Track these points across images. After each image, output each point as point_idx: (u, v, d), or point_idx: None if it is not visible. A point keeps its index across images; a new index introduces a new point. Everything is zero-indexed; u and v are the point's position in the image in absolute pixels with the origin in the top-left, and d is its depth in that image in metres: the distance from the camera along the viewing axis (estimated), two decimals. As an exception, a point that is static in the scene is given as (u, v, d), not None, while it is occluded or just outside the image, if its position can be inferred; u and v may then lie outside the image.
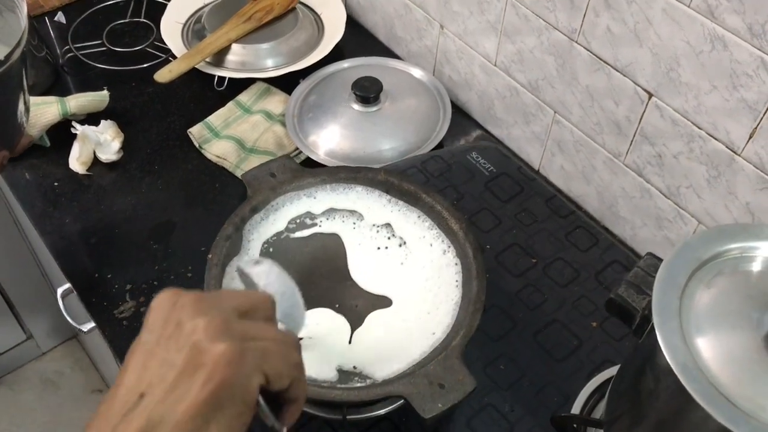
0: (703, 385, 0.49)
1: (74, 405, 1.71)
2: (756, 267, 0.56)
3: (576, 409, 0.72)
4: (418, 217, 0.76)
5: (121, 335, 0.87)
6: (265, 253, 0.74)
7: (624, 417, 0.62)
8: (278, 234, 0.76)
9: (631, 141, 0.88)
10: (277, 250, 0.75)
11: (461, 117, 1.11)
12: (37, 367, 1.77)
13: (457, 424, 0.66)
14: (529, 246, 0.85)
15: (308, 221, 0.77)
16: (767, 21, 0.68)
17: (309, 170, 0.78)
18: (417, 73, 1.11)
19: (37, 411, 1.70)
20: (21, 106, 0.77)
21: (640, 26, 0.79)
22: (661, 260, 0.60)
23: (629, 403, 0.61)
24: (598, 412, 0.71)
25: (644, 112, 0.84)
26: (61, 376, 1.76)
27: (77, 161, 1.01)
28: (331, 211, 0.78)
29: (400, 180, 0.77)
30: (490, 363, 0.76)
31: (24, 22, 0.72)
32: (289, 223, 0.76)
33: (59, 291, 1.00)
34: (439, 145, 1.02)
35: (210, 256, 0.70)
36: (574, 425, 0.68)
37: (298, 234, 0.76)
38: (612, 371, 0.75)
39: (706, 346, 0.51)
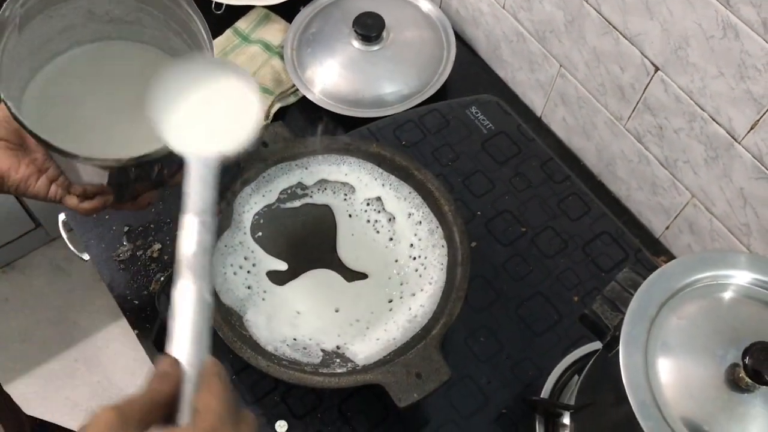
0: (658, 424, 0.51)
1: (84, 292, 1.78)
2: (727, 296, 0.57)
3: (549, 385, 0.75)
4: (409, 193, 0.76)
5: (118, 277, 0.90)
6: (255, 224, 0.76)
7: (590, 409, 0.66)
8: (269, 206, 0.76)
9: (634, 108, 0.86)
10: (267, 220, 0.76)
11: (467, 53, 1.07)
12: (47, 252, 1.82)
13: (435, 395, 0.69)
14: (520, 213, 0.85)
15: (299, 191, 0.77)
16: (783, 19, 0.64)
17: (302, 140, 0.77)
18: (424, 5, 1.06)
19: (49, 295, 1.78)
20: None
21: (653, -1, 0.75)
22: (639, 275, 0.61)
23: (595, 402, 0.64)
24: (569, 390, 0.75)
25: (649, 83, 0.82)
26: (71, 263, 1.82)
27: (73, 92, 0.99)
28: (322, 183, 0.78)
29: (393, 154, 0.76)
30: (471, 334, 0.78)
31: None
32: (281, 194, 0.77)
33: (60, 217, 1.01)
34: (442, 89, 1.00)
35: (200, 232, 0.71)
36: (545, 408, 0.72)
37: (289, 204, 0.77)
38: (587, 348, 0.78)
39: (668, 381, 0.54)
